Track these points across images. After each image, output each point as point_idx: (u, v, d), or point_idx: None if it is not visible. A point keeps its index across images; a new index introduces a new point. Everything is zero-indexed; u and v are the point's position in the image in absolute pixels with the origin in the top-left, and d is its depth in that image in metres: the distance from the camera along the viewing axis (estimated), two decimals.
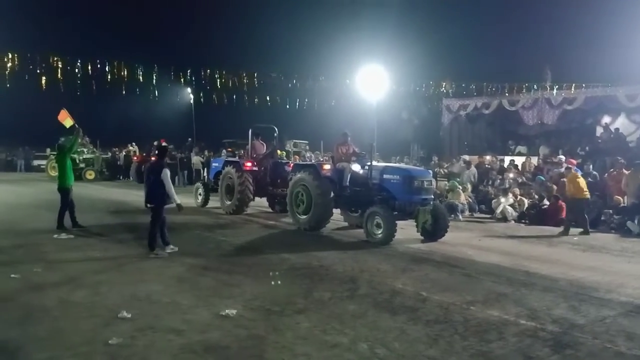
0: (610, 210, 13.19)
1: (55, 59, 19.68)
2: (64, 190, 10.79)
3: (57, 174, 11.22)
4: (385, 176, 10.76)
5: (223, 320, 5.35)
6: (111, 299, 5.99)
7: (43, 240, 9.52)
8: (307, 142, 28.30)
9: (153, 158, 26.41)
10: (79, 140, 12.19)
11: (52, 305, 5.75)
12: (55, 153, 11.46)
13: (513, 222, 14.03)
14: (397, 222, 10.07)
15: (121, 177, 28.33)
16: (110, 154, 29.99)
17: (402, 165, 15.02)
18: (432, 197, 11.01)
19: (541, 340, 5.01)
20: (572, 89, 19.26)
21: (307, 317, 5.53)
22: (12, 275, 6.89)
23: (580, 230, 11.91)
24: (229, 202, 14.23)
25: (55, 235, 9.96)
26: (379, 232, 10.04)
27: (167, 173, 8.40)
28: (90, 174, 27.36)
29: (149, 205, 8.70)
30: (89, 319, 5.31)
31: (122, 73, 20.57)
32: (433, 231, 10.51)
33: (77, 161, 27.18)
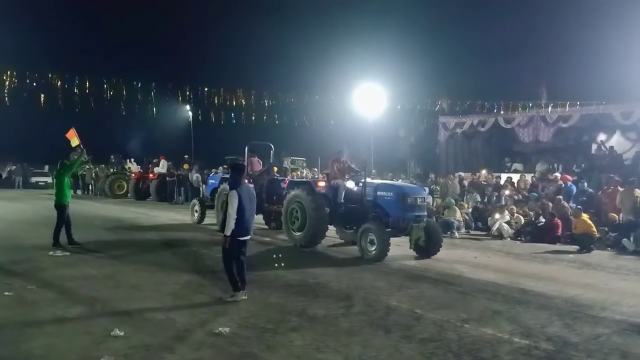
0: (606, 228, 13.23)
1: (54, 76, 19.90)
2: (61, 207, 10.80)
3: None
4: (379, 193, 10.84)
5: (217, 338, 5.34)
6: (105, 316, 5.98)
7: (39, 257, 9.49)
8: (304, 158, 28.36)
9: (151, 175, 26.54)
10: (82, 160, 12.26)
11: (46, 322, 5.73)
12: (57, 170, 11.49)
13: (509, 239, 14.05)
14: (391, 238, 10.10)
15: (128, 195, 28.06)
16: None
17: (396, 182, 15.06)
18: (426, 214, 11.06)
19: (535, 358, 5.01)
20: (567, 107, 19.44)
21: (301, 335, 5.52)
22: (6, 293, 6.86)
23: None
24: None
25: (51, 252, 9.92)
26: (373, 248, 10.06)
27: (234, 196, 6.66)
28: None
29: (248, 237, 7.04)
30: (83, 336, 5.30)
31: (121, 91, 20.81)
32: (426, 248, 10.52)
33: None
